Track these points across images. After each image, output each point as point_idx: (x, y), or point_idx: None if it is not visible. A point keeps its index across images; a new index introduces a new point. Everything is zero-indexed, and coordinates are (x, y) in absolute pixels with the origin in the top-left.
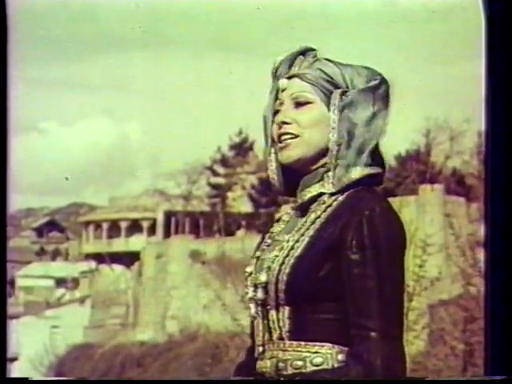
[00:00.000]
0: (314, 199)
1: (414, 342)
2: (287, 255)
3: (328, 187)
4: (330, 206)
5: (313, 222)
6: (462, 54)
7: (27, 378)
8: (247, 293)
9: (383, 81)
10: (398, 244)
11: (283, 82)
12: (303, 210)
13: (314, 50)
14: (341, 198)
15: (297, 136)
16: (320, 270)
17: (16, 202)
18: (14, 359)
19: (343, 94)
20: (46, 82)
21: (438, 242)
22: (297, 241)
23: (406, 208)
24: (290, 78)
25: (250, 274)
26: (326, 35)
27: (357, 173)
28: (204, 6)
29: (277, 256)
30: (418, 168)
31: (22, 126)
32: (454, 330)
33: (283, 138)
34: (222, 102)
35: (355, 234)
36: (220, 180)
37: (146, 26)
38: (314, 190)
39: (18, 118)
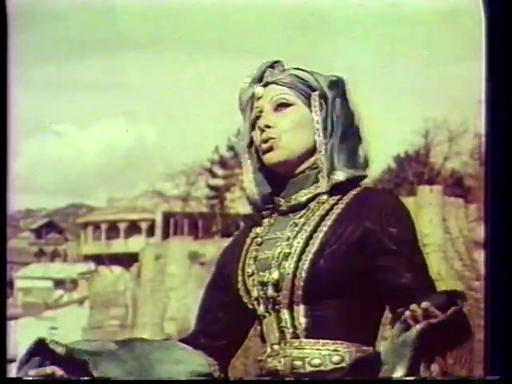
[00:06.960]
0: (309, 201)
1: None
2: (303, 252)
3: (324, 187)
4: (335, 204)
5: (322, 219)
6: (461, 54)
7: (26, 379)
8: (249, 293)
9: (340, 79)
10: (416, 234)
11: (259, 90)
12: (297, 210)
13: (281, 61)
14: (353, 192)
15: (280, 139)
16: (342, 265)
17: (25, 202)
18: (12, 360)
19: (321, 95)
20: (52, 82)
21: (436, 242)
22: (310, 237)
23: None
24: (264, 85)
25: (252, 273)
26: (326, 36)
27: (345, 174)
28: (209, 6)
29: (287, 253)
30: (416, 169)
31: (36, 127)
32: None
33: (267, 142)
34: (220, 103)
35: (379, 228)
36: (218, 181)
37: (154, 27)
38: (309, 192)
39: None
